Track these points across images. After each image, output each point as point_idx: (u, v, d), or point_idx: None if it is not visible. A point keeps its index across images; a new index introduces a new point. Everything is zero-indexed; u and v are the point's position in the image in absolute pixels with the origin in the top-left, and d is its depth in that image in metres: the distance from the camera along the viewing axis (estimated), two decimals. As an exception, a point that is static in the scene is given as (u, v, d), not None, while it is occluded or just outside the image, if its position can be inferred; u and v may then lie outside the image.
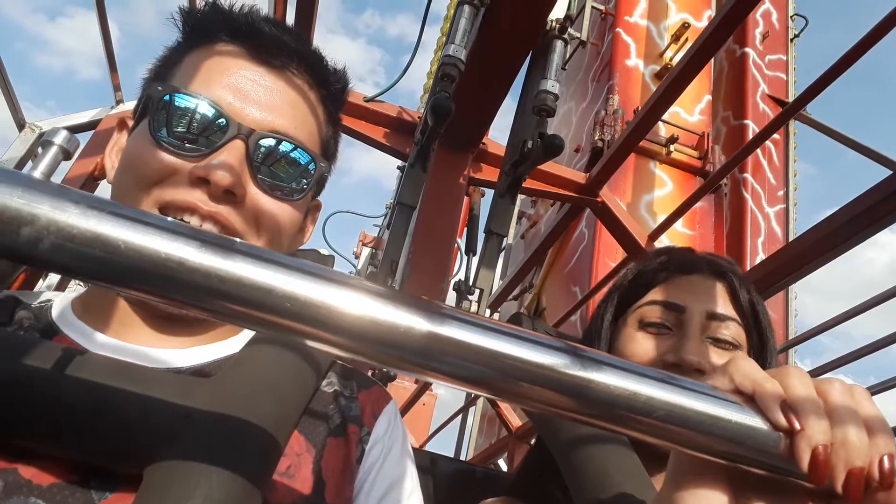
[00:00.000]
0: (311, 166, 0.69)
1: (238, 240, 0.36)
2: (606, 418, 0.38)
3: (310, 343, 0.36)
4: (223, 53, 0.68)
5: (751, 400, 0.41)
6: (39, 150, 0.36)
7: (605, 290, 1.03)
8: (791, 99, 6.13)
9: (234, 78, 0.66)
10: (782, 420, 0.39)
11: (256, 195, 0.65)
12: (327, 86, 0.75)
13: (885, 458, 0.38)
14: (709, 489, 0.42)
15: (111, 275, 0.33)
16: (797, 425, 0.39)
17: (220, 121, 0.63)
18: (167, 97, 0.63)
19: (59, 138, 0.37)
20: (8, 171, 0.33)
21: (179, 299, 0.34)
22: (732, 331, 0.86)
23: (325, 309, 0.34)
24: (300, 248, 0.79)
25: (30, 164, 1.56)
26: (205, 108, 0.63)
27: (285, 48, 0.70)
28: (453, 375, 0.37)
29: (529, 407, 0.38)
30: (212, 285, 0.33)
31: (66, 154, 0.37)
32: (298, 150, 0.68)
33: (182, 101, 0.63)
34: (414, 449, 0.79)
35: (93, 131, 1.55)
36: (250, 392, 0.54)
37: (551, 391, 0.37)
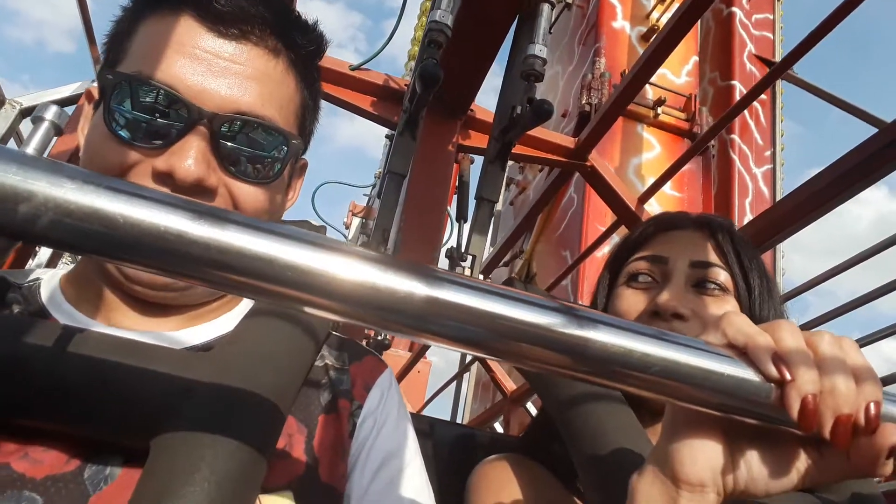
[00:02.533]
0: (284, 146, 0.64)
1: (236, 212, 0.36)
2: (603, 375, 0.39)
3: (311, 311, 0.36)
4: (176, 25, 0.61)
5: (743, 353, 0.42)
6: (31, 126, 0.36)
7: (595, 254, 1.04)
8: (778, 58, 6.10)
9: (190, 54, 0.60)
10: (773, 371, 0.40)
11: (229, 184, 0.61)
12: (297, 49, 0.68)
13: (872, 405, 0.40)
14: (704, 440, 0.43)
15: (111, 249, 0.33)
16: (787, 376, 0.40)
17: (178, 107, 0.58)
18: (119, 84, 0.58)
19: (50, 114, 0.37)
20: (1, 147, 0.33)
21: (180, 272, 0.34)
22: (718, 276, 0.87)
23: (326, 277, 0.35)
24: (289, 217, 0.77)
25: (11, 141, 1.53)
26: (161, 95, 0.58)
27: (245, 13, 0.63)
28: (453, 338, 0.37)
29: (527, 367, 0.39)
30: (211, 257, 0.34)
31: (57, 129, 0.37)
32: (268, 130, 0.63)
33: (135, 89, 0.58)
34: (412, 415, 0.80)
35: (74, 106, 1.52)
36: (249, 363, 0.55)
37: (548, 350, 0.38)
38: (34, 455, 0.50)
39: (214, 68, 0.60)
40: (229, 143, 0.60)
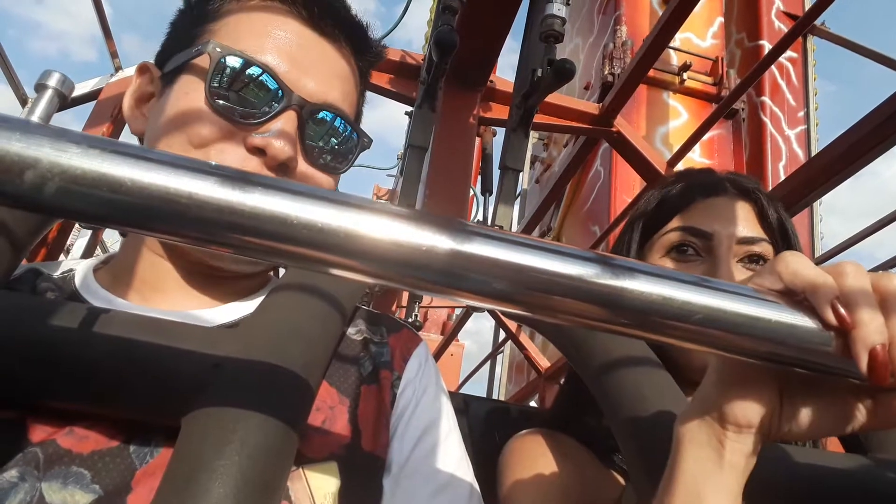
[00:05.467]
0: (356, 141, 0.70)
1: (250, 172, 0.35)
2: (640, 326, 0.37)
3: (332, 271, 0.35)
4: (277, 14, 0.66)
5: (801, 298, 0.38)
6: (34, 94, 0.35)
7: (624, 223, 1.01)
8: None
9: (288, 44, 0.64)
10: (832, 318, 0.37)
11: (305, 168, 0.66)
12: (365, 59, 0.74)
13: None
14: (755, 391, 0.41)
15: (121, 215, 0.32)
16: (850, 323, 0.36)
17: (276, 90, 0.62)
18: (225, 59, 0.61)
19: (53, 81, 0.35)
20: (3, 115, 0.32)
21: (194, 235, 0.33)
22: (762, 249, 0.85)
23: (344, 234, 0.33)
24: None
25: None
26: (263, 76, 0.62)
27: (338, 15, 0.69)
28: (481, 293, 0.35)
29: (561, 321, 0.37)
30: (225, 218, 0.32)
31: (61, 97, 0.36)
32: (346, 125, 0.69)
33: (240, 66, 0.61)
34: (448, 392, 0.79)
35: (95, 101, 1.54)
36: (276, 337, 0.54)
37: (582, 302, 0.36)
38: (79, 431, 0.51)
39: (308, 60, 0.65)
40: (312, 132, 0.66)
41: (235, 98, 0.62)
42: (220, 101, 0.61)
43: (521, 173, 1.44)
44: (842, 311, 0.37)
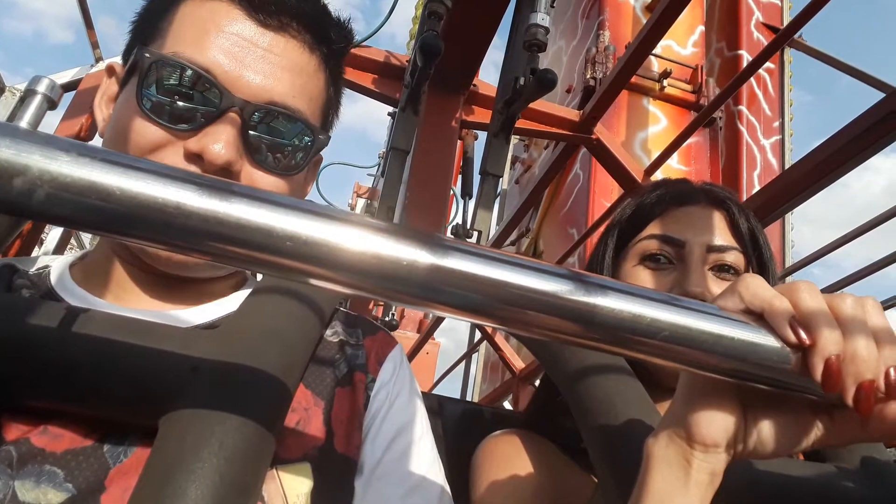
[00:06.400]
0: (309, 140, 0.66)
1: (236, 182, 0.36)
2: (611, 342, 0.39)
3: (313, 282, 0.36)
4: (217, 10, 0.62)
5: (761, 318, 0.41)
6: (23, 100, 0.35)
7: (602, 229, 1.03)
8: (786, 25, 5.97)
9: (229, 41, 0.61)
10: (791, 336, 0.39)
11: (251, 172, 0.62)
12: (330, 44, 0.70)
13: (892, 370, 0.38)
14: (720, 404, 0.43)
15: (109, 223, 0.33)
16: (807, 340, 0.39)
17: (213, 92, 0.60)
18: (155, 64, 0.59)
19: (43, 87, 0.36)
20: None
21: (179, 244, 0.34)
22: (733, 259, 0.88)
23: (327, 246, 0.34)
24: None
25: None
26: (197, 78, 0.59)
27: (286, 6, 0.65)
28: (459, 307, 0.36)
29: (534, 335, 0.38)
30: (210, 228, 0.33)
31: (50, 103, 0.36)
32: (297, 123, 0.64)
33: (171, 70, 0.59)
34: (422, 393, 0.80)
35: (74, 91, 1.52)
36: (255, 340, 0.55)
37: (556, 318, 0.37)
38: (53, 430, 0.50)
39: (251, 56, 0.62)
40: (258, 132, 0.62)
41: (171, 104, 0.59)
42: (155, 110, 0.59)
43: (500, 178, 1.46)
44: (800, 329, 0.39)
